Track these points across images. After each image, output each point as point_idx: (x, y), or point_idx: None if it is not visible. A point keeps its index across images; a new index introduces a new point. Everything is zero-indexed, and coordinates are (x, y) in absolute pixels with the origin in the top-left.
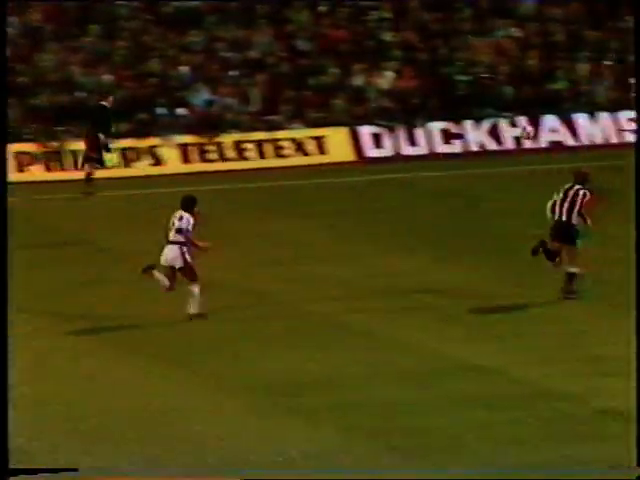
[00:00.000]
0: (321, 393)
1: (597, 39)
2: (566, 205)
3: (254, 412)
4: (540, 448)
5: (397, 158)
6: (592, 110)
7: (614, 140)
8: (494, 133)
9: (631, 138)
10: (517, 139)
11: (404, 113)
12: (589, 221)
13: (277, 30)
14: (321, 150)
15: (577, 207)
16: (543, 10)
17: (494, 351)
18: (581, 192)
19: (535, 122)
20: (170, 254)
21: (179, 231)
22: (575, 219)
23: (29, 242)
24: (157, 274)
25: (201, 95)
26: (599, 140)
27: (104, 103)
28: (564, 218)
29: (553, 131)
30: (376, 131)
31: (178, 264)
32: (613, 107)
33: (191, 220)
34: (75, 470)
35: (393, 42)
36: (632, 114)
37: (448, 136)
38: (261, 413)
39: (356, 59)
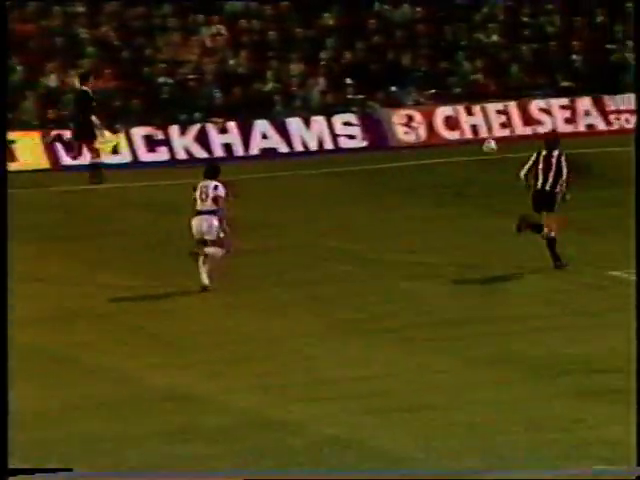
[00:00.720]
0: (17, 429)
1: (309, 38)
2: (551, 173)
3: None
4: None
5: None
6: (306, 114)
7: (329, 146)
8: (202, 139)
9: (349, 144)
10: (226, 146)
11: (103, 117)
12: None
13: None
14: (10, 156)
15: (564, 175)
16: (251, 7)
17: (202, 378)
18: (563, 158)
19: (246, 127)
20: (205, 224)
21: (216, 200)
22: (559, 187)
23: None
24: (201, 264)
25: None
26: (314, 146)
27: (85, 88)
28: (548, 187)
29: (265, 137)
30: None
31: (212, 236)
32: (327, 111)
33: (223, 188)
34: (71, 470)
35: (88, 39)
36: (347, 117)
37: (152, 143)
38: None
39: (47, 57)
